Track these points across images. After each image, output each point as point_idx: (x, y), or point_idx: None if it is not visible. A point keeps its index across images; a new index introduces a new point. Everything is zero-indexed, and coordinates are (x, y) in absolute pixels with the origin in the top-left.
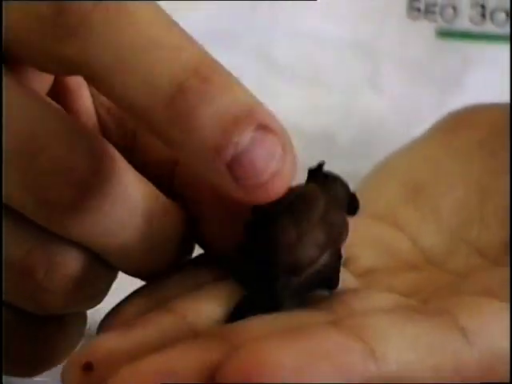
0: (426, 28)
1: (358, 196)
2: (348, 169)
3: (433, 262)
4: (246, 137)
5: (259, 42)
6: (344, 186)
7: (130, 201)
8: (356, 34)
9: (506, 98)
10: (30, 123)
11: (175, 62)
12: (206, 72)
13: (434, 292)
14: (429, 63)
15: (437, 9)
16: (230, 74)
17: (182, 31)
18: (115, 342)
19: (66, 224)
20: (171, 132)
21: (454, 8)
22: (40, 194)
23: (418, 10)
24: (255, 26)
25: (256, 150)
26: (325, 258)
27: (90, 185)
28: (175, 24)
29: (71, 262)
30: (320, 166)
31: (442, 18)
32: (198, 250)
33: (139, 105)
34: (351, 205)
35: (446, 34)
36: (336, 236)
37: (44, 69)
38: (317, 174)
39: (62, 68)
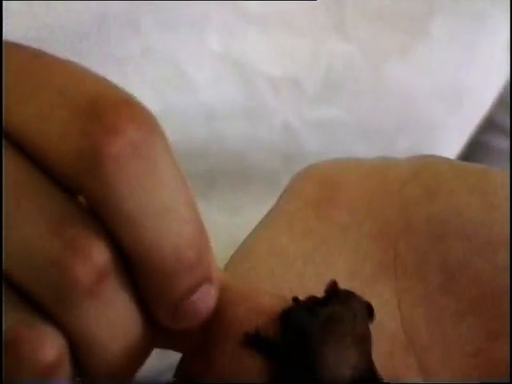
0: None
1: None
2: (315, 114)
3: None
4: (197, 294)
5: None
6: (358, 298)
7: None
8: None
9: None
10: None
11: (181, 236)
12: (198, 251)
13: None
14: (394, 9)
15: None
16: (209, 246)
17: (190, 199)
18: None
19: (74, 307)
20: (151, 293)
21: None
22: (62, 273)
23: None
24: None
25: (200, 303)
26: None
27: (107, 278)
28: (187, 189)
29: (53, 348)
30: (334, 284)
31: None
32: None
33: (144, 257)
34: (369, 313)
35: None
36: (367, 350)
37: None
38: (334, 293)
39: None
